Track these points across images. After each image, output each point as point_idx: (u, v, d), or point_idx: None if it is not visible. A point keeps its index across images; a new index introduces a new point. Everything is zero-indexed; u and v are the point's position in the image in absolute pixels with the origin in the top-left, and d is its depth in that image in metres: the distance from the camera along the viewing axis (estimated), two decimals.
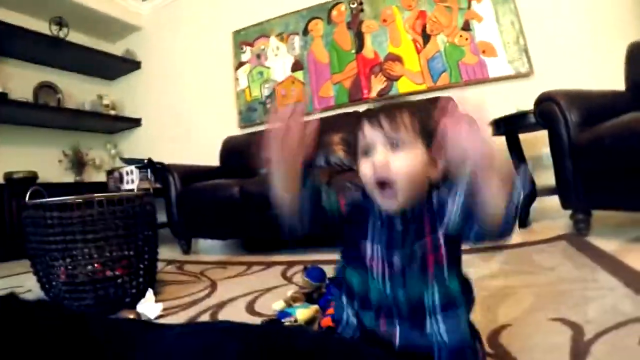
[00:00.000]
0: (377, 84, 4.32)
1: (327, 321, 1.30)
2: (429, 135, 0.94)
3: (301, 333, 0.98)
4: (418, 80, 4.17)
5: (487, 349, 1.15)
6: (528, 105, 2.93)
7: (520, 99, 3.30)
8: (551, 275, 1.87)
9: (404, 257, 0.94)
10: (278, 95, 4.84)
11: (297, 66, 4.75)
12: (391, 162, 0.92)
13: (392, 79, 4.27)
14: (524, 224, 3.05)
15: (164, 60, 5.78)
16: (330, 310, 1.31)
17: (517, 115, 3.13)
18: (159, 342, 0.87)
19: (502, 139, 3.25)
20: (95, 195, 2.24)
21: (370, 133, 0.96)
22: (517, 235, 2.79)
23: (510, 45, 3.86)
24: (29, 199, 2.31)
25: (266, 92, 4.93)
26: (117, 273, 2.24)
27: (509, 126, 3.19)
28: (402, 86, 4.22)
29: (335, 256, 1.12)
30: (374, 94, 4.32)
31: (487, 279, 1.91)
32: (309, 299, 1.82)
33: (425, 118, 0.97)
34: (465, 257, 0.99)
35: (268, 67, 4.93)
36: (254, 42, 5.04)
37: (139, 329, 0.94)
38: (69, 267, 2.16)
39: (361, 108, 4.08)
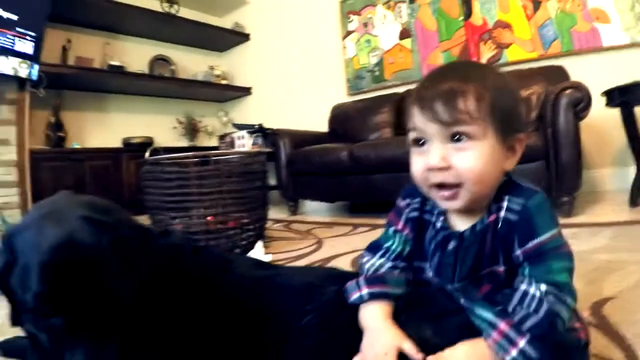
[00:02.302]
0: (487, 52, 4.19)
1: None
2: (504, 116, 0.78)
3: None
4: (528, 48, 3.96)
5: (589, 318, 1.16)
6: None
7: (636, 69, 3.14)
8: None
9: (455, 291, 0.83)
10: (386, 63, 4.85)
11: (404, 34, 4.70)
12: (453, 162, 0.76)
13: (501, 47, 4.12)
14: (635, 202, 2.94)
15: (272, 32, 5.92)
16: None
17: (632, 86, 2.91)
18: (271, 278, 0.99)
19: (616, 112, 3.12)
20: (212, 152, 2.42)
21: (421, 123, 0.79)
22: (627, 213, 2.71)
23: (625, 12, 3.58)
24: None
25: (374, 60, 4.95)
26: (228, 225, 2.41)
27: (624, 98, 3.04)
28: (512, 54, 4.06)
29: None
30: (483, 61, 4.16)
31: (593, 252, 1.86)
32: None
33: (498, 94, 0.78)
34: (572, 230, 0.95)
35: (375, 36, 4.92)
36: (360, 10, 5.05)
37: (254, 266, 1.07)
38: (185, 218, 2.34)
39: None
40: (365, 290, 0.83)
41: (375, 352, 0.76)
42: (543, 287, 0.73)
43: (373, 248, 0.94)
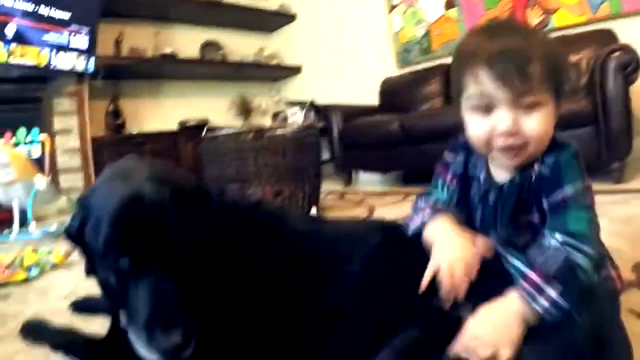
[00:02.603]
0: (534, 18, 4.06)
1: None
2: (561, 80, 0.82)
3: None
4: (576, 12, 3.77)
5: (631, 276, 1.20)
6: None
7: None
8: None
9: (499, 238, 0.89)
10: (432, 34, 4.82)
11: (450, 4, 4.64)
12: (522, 127, 0.79)
13: (548, 12, 3.99)
14: None
15: (318, 11, 5.97)
16: None
17: None
18: (321, 229, 1.07)
19: None
20: (266, 126, 2.53)
21: (491, 88, 0.79)
22: None
23: None
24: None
25: (421, 32, 4.92)
26: (284, 196, 2.53)
27: None
28: (560, 19, 3.91)
29: None
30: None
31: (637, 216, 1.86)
32: None
33: (556, 60, 0.82)
34: (622, 196, 0.97)
35: (421, 8, 4.89)
36: None
37: (304, 219, 1.16)
38: (242, 189, 2.47)
39: None
40: (427, 211, 0.89)
41: (451, 256, 0.81)
42: (559, 236, 0.77)
43: (423, 196, 1.01)
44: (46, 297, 1.66)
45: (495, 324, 0.73)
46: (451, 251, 0.82)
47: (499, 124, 0.80)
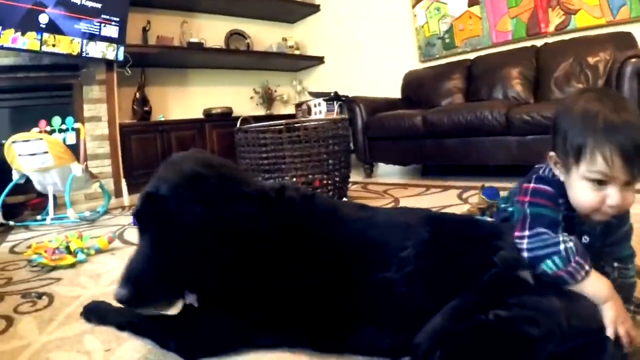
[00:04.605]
0: (555, 18, 4.11)
1: None
2: None
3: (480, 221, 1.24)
4: (596, 14, 3.83)
5: None
6: None
7: None
8: None
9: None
10: (456, 29, 4.86)
11: (473, 1, 4.68)
12: (626, 199, 0.92)
13: (569, 13, 4.02)
14: None
15: (342, 2, 6.01)
16: None
17: None
18: (373, 217, 1.16)
19: None
20: (301, 120, 2.63)
21: (619, 172, 0.89)
22: None
23: None
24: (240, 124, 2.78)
25: (444, 27, 4.96)
26: (315, 184, 2.66)
27: None
28: (580, 20, 3.92)
29: (508, 184, 1.25)
30: (551, 28, 4.14)
31: None
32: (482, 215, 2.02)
33: None
34: None
35: (445, 3, 4.93)
36: None
37: (357, 207, 1.25)
38: (278, 178, 2.59)
39: (539, 42, 4.07)
40: (587, 267, 0.94)
41: (623, 309, 0.93)
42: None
43: (550, 226, 0.99)
44: (98, 280, 1.75)
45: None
46: (620, 306, 0.93)
47: (611, 198, 0.92)
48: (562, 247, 0.92)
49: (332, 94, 5.07)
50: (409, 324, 0.91)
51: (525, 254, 0.95)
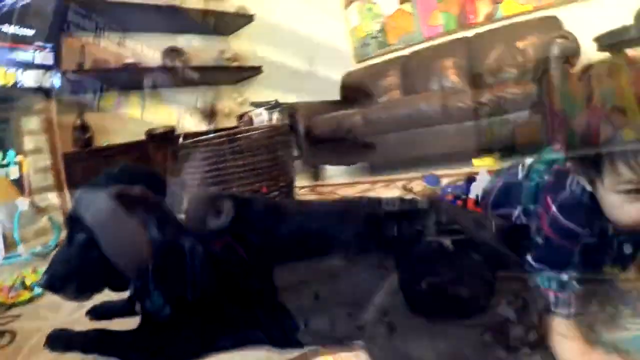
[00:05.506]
0: (483, 8, 4.25)
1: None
2: None
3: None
4: (522, 1, 3.97)
5: None
6: None
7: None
8: None
9: None
10: (389, 28, 4.99)
11: None
12: None
13: (496, 2, 4.14)
14: None
15: (275, 9, 6.06)
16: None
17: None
18: (316, 209, 1.27)
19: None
20: (241, 129, 2.68)
21: None
22: None
23: None
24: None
25: (377, 27, 5.08)
26: (263, 191, 2.68)
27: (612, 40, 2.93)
28: (507, 8, 4.08)
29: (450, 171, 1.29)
30: (481, 18, 4.27)
31: None
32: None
33: None
34: None
35: (376, 3, 5.06)
36: None
37: (296, 203, 1.35)
38: (224, 188, 2.61)
39: (470, 33, 4.23)
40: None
41: None
42: None
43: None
44: (58, 310, 1.76)
45: None
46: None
47: None
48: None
49: (273, 102, 5.12)
50: (357, 307, 0.98)
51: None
